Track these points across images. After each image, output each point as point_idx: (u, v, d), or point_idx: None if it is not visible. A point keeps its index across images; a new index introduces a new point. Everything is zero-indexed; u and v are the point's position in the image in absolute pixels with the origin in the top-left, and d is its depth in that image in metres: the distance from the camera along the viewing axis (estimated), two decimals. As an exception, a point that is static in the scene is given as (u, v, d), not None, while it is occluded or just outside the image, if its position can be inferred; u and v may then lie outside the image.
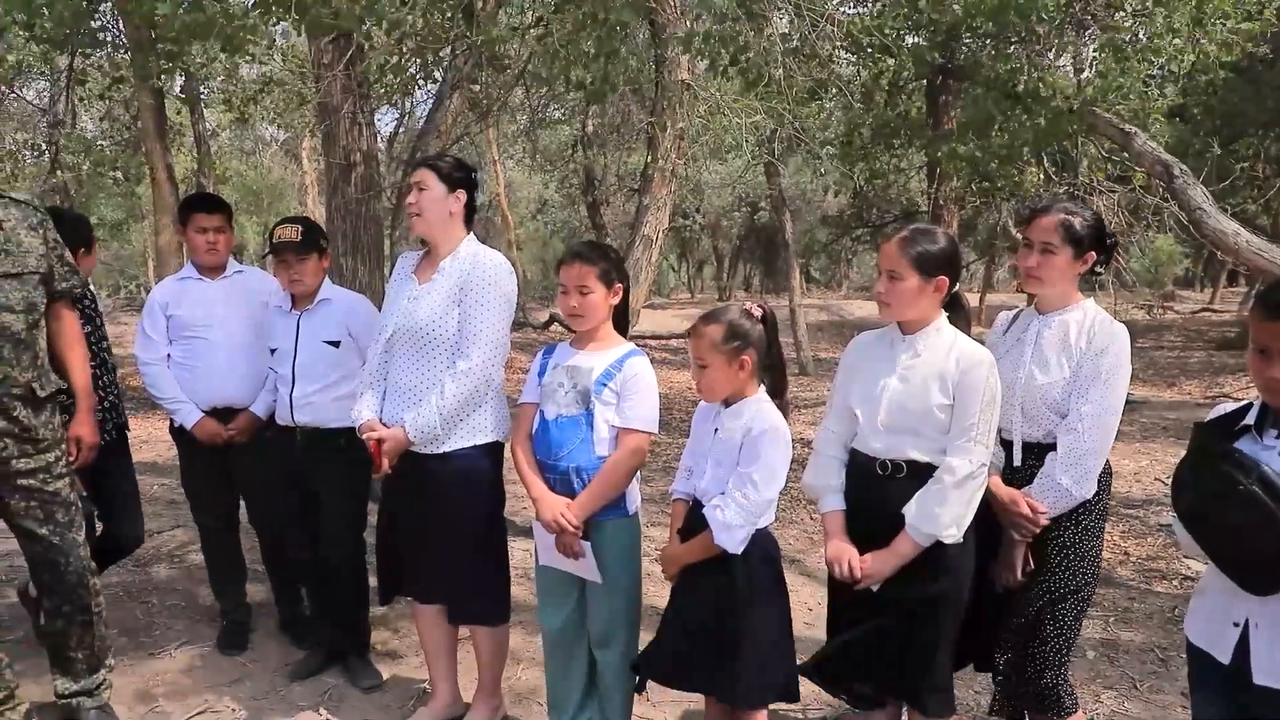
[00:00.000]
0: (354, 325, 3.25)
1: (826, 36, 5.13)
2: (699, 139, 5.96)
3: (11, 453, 2.73)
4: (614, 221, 19.42)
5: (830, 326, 17.91)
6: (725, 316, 2.40)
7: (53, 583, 2.89)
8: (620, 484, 2.59)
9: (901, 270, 2.30)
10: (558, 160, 17.24)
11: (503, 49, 5.25)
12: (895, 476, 2.34)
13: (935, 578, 2.31)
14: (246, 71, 11.61)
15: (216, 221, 3.52)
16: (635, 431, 2.58)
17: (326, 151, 5.33)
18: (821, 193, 18.41)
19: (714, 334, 2.37)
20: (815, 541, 5.06)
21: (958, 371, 2.27)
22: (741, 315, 2.40)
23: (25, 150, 15.02)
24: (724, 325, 2.37)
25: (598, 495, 2.56)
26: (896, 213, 14.91)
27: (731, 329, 2.37)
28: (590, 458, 2.58)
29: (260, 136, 21.48)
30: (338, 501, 3.28)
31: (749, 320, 2.40)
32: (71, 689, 2.99)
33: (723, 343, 2.36)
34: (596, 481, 2.56)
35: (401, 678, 3.43)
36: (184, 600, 4.18)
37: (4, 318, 2.70)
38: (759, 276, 30.44)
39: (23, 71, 13.71)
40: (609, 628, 2.70)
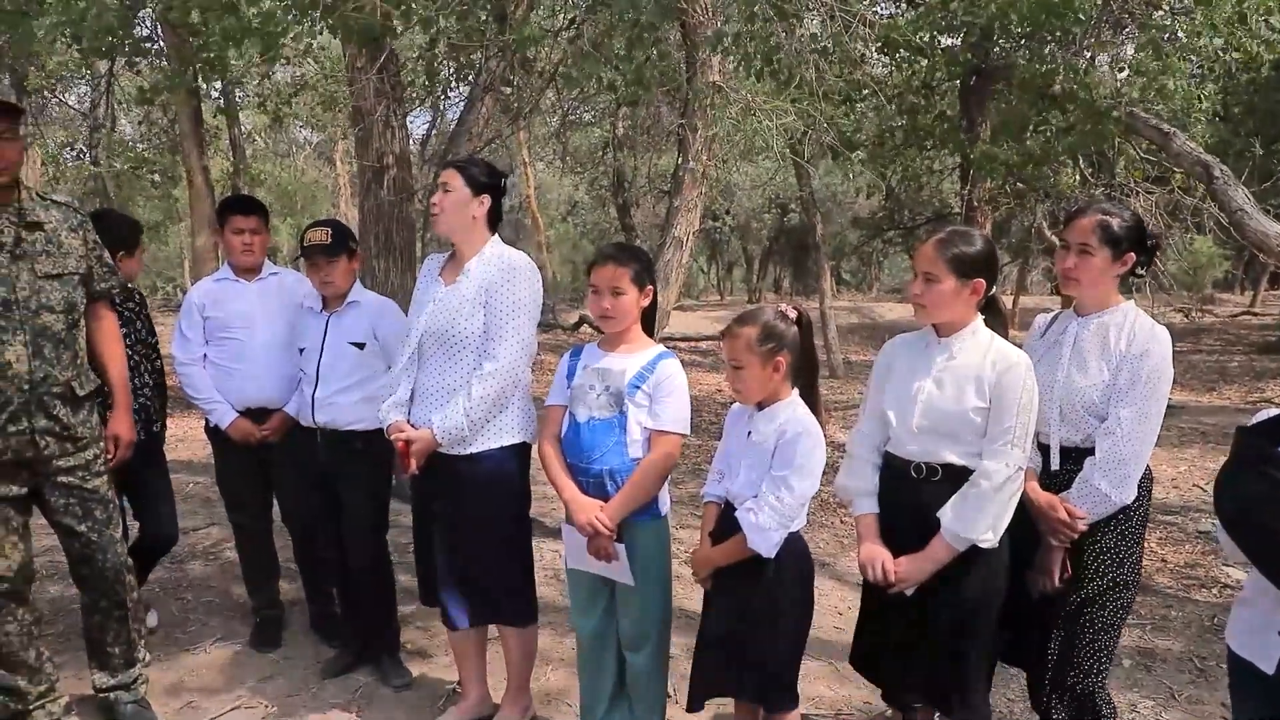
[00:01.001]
0: (380, 328, 3.28)
1: (859, 38, 5.09)
2: (730, 140, 5.94)
3: (52, 451, 2.77)
4: (644, 223, 19.44)
5: (861, 329, 17.81)
6: (761, 318, 2.39)
7: (90, 578, 2.94)
8: (654, 486, 2.59)
9: (938, 272, 2.28)
10: (588, 162, 17.28)
11: (535, 51, 5.27)
12: (930, 480, 2.32)
13: (971, 583, 2.28)
14: (281, 75, 11.76)
15: (253, 223, 3.56)
16: (668, 433, 2.57)
17: (359, 154, 5.38)
18: (853, 194, 18.29)
19: (749, 335, 2.36)
20: (846, 545, 5.02)
21: (994, 374, 2.24)
22: (777, 317, 2.39)
23: (67, 153, 15.31)
24: (759, 327, 2.36)
25: (632, 498, 2.55)
26: (929, 214, 14.76)
27: (767, 330, 2.35)
28: (624, 460, 2.58)
29: (294, 139, 21.74)
30: (358, 502, 3.30)
31: (784, 322, 2.38)
32: (109, 683, 3.04)
33: (758, 344, 2.35)
34: (630, 484, 2.55)
35: (431, 677, 3.45)
36: (218, 597, 4.23)
37: (45, 317, 2.74)
38: (789, 278, 30.32)
39: (64, 77, 13.99)
40: (640, 630, 2.70)
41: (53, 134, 15.82)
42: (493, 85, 5.51)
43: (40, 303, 2.73)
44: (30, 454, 2.73)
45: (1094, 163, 8.86)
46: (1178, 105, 6.41)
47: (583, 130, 14.45)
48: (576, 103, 9.75)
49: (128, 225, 3.66)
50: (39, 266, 2.75)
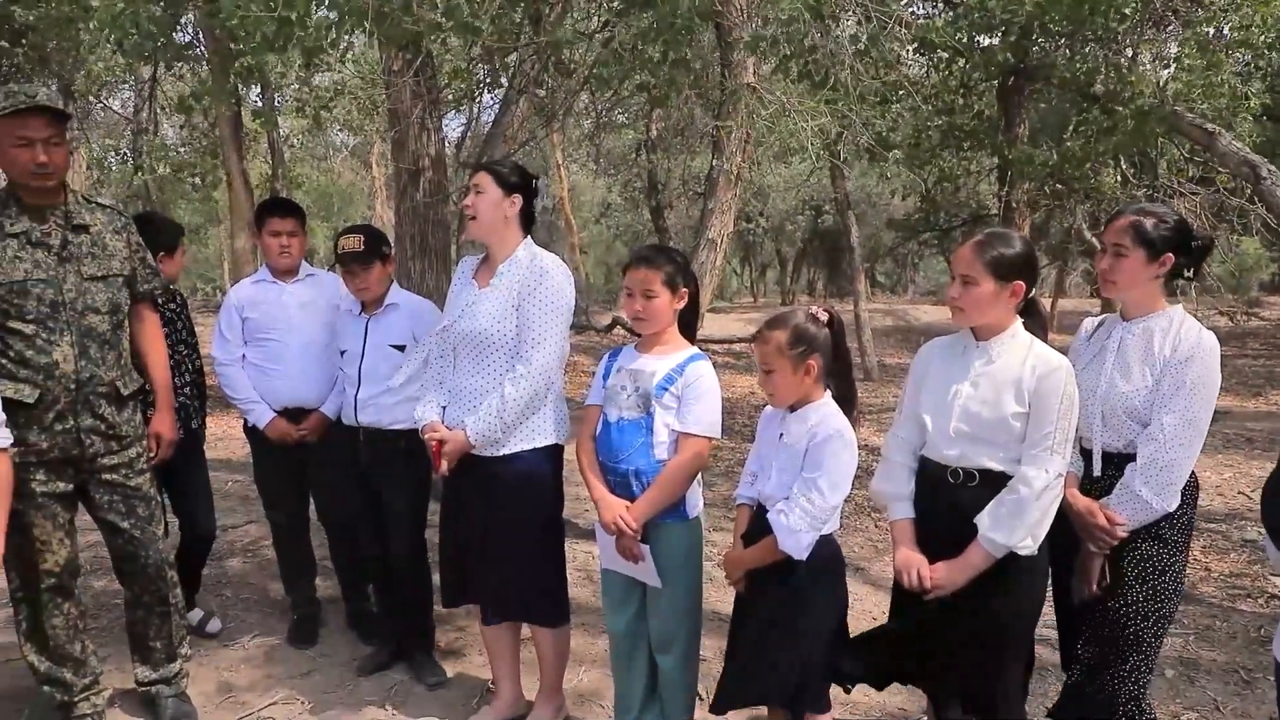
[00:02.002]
0: (419, 329, 3.31)
1: (896, 38, 5.05)
2: (764, 142, 5.91)
3: (97, 449, 2.83)
4: (677, 225, 19.43)
5: (896, 331, 17.65)
6: (791, 321, 2.38)
7: (133, 574, 2.99)
8: (679, 488, 2.59)
9: (976, 275, 2.26)
10: (621, 164, 17.30)
11: (569, 53, 5.28)
12: (967, 485, 2.29)
13: (1008, 589, 2.25)
14: (319, 79, 11.90)
15: (290, 225, 3.61)
16: (695, 436, 2.57)
17: (396, 157, 5.43)
18: (888, 196, 18.16)
19: (780, 339, 2.35)
20: (880, 549, 4.98)
21: (1033, 378, 2.21)
22: (807, 319, 2.38)
23: (111, 156, 15.62)
24: (790, 330, 2.35)
25: (657, 499, 2.56)
26: (965, 216, 14.61)
27: (797, 333, 2.34)
28: (649, 461, 2.59)
29: (331, 143, 22.00)
30: (399, 501, 3.33)
31: (815, 324, 2.37)
32: (151, 677, 3.09)
33: (789, 347, 2.34)
34: (656, 485, 2.56)
35: (466, 675, 3.47)
36: (256, 594, 4.29)
37: (90, 319, 2.80)
38: (823, 280, 30.15)
39: (109, 82, 14.27)
40: (669, 631, 2.70)
41: (97, 138, 16.14)
42: (527, 88, 5.53)
43: (86, 304, 2.79)
44: (76, 452, 2.79)
45: (1136, 163, 8.72)
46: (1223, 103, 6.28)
47: (616, 132, 14.46)
48: (610, 104, 9.76)
49: (169, 227, 3.73)
50: (84, 268, 2.80)
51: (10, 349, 2.68)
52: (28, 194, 2.74)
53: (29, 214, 2.74)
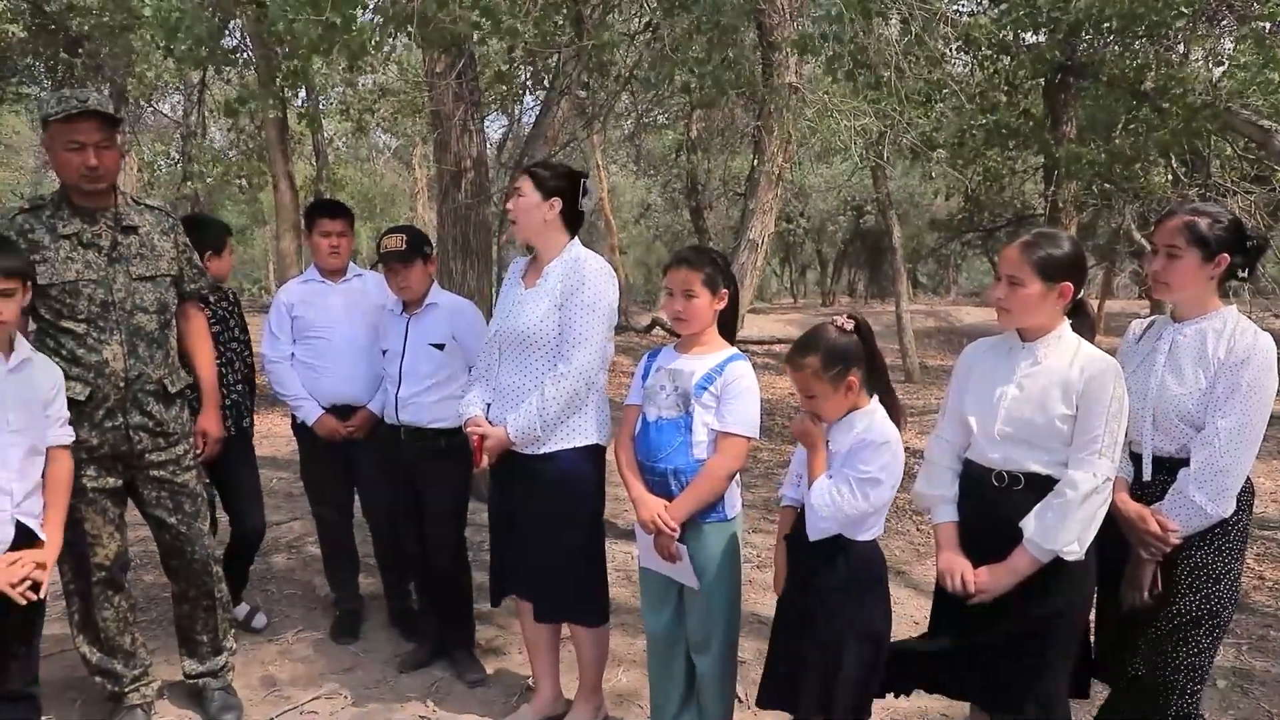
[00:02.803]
0: (459, 329, 3.33)
1: (940, 36, 4.99)
2: (806, 142, 5.88)
3: (146, 446, 2.89)
4: (717, 226, 19.38)
5: (938, 333, 17.44)
6: (820, 343, 2.31)
7: (180, 569, 3.05)
8: (718, 488, 2.58)
9: (1023, 276, 2.22)
10: (661, 165, 17.30)
11: (611, 55, 5.29)
12: (1012, 489, 2.25)
13: (1054, 595, 2.21)
14: (363, 82, 12.07)
15: (339, 226, 3.67)
16: (734, 436, 2.56)
17: (438, 158, 5.47)
18: (930, 195, 17.95)
19: (814, 363, 2.30)
20: (921, 553, 4.92)
21: (1081, 380, 2.17)
22: (836, 334, 2.32)
23: (160, 160, 15.97)
24: (821, 352, 2.29)
25: (695, 498, 2.56)
26: (1010, 216, 14.40)
27: (829, 353, 2.29)
28: (688, 460, 2.58)
29: (374, 144, 22.26)
30: (440, 500, 3.36)
31: (844, 336, 2.32)
32: (198, 670, 3.15)
33: (824, 370, 2.29)
34: (694, 484, 2.56)
35: (506, 673, 3.49)
36: (301, 590, 4.34)
37: (139, 318, 2.86)
38: (863, 281, 29.88)
39: (159, 87, 14.59)
40: (706, 632, 2.69)
41: (148, 142, 16.49)
42: (569, 89, 5.55)
43: (135, 303, 2.84)
44: (125, 448, 2.85)
45: (1187, 162, 8.52)
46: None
47: (657, 133, 14.47)
48: (650, 105, 9.77)
49: (216, 227, 3.79)
50: (133, 269, 2.86)
51: (62, 347, 2.75)
52: (79, 196, 2.80)
53: (80, 216, 2.80)
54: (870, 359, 2.35)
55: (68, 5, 9.06)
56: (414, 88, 11.47)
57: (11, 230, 2.71)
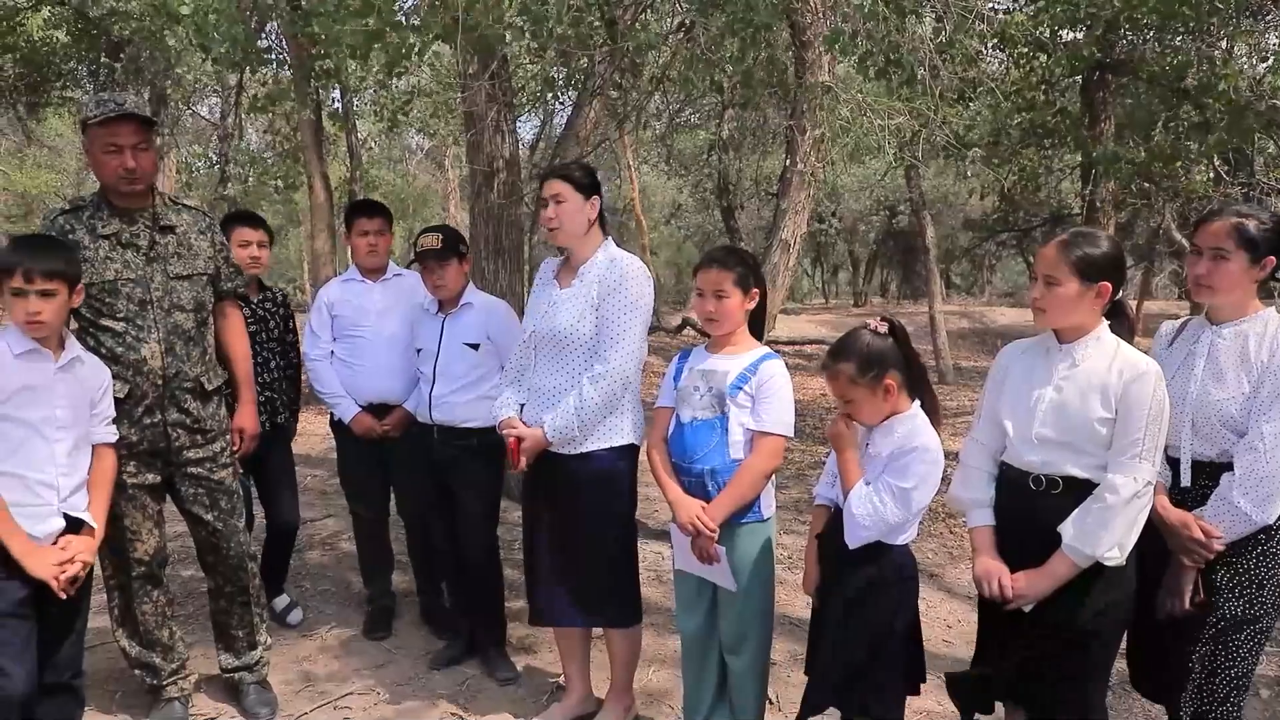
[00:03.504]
0: (492, 329, 3.35)
1: (975, 34, 4.93)
2: (838, 142, 5.84)
3: (183, 442, 2.93)
4: (748, 226, 19.32)
5: (972, 334, 17.24)
6: (855, 348, 2.30)
7: (216, 564, 3.09)
8: (756, 487, 2.57)
9: (1059, 275, 2.18)
10: (693, 165, 17.27)
11: (644, 56, 5.29)
12: (1050, 493, 2.21)
13: (1094, 602, 2.17)
14: (396, 83, 12.16)
15: (377, 225, 3.71)
16: (771, 435, 2.55)
17: (471, 159, 5.50)
18: (965, 195, 17.76)
19: (849, 370, 2.29)
20: (954, 556, 4.87)
21: (1120, 383, 2.13)
22: (871, 337, 2.30)
23: (198, 161, 16.22)
24: (856, 358, 2.28)
25: (733, 498, 2.55)
26: (1046, 215, 14.21)
27: (864, 359, 2.28)
28: (725, 461, 2.58)
29: (407, 145, 22.43)
30: (471, 499, 3.37)
31: (879, 339, 2.30)
32: (234, 664, 3.19)
33: (860, 375, 2.28)
34: (732, 485, 2.55)
35: (536, 671, 3.50)
36: (335, 586, 4.39)
37: (177, 316, 2.90)
38: (896, 282, 29.64)
39: (197, 90, 14.82)
40: (740, 633, 2.68)
41: (185, 143, 16.75)
42: (601, 90, 5.55)
43: (172, 302, 2.89)
44: (163, 445, 2.89)
45: (1229, 160, 8.36)
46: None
47: (689, 133, 14.45)
48: (682, 105, 9.77)
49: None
50: (171, 268, 2.90)
51: (102, 346, 2.79)
52: (117, 197, 2.85)
53: (119, 216, 2.85)
54: (907, 360, 2.32)
55: (109, 11, 9.22)
56: (447, 89, 11.55)
57: (53, 231, 2.77)
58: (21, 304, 2.39)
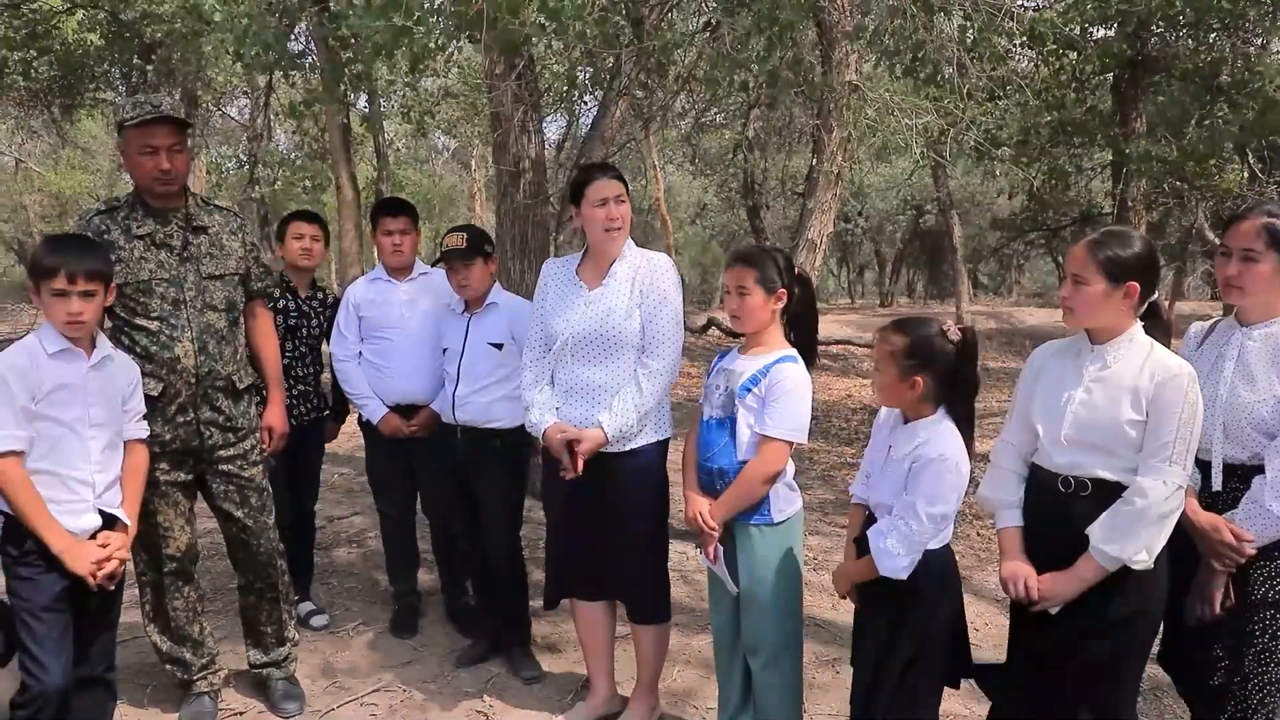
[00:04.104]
0: (517, 328, 3.35)
1: (1004, 31, 4.89)
2: (865, 141, 5.80)
3: (215, 440, 2.97)
4: (773, 225, 19.24)
5: (999, 334, 17.09)
6: (916, 331, 2.30)
7: (245, 561, 3.12)
8: (755, 490, 2.57)
9: (1087, 274, 2.16)
10: (718, 164, 17.23)
11: (670, 55, 5.28)
12: (1079, 495, 2.19)
13: (1122, 606, 2.14)
14: (424, 85, 12.25)
15: (401, 224, 3.71)
16: (773, 439, 2.54)
17: (497, 159, 5.52)
18: (993, 195, 17.61)
19: (896, 344, 2.29)
20: (983, 558, 4.84)
21: (1152, 385, 2.10)
22: (936, 333, 2.29)
23: (228, 162, 16.41)
24: (909, 339, 2.28)
25: (734, 499, 2.57)
26: (1076, 215, 14.06)
27: (916, 345, 2.27)
28: (732, 461, 2.59)
29: (433, 146, 22.58)
30: (495, 500, 3.39)
31: (940, 340, 2.28)
32: (262, 660, 3.22)
33: (901, 356, 2.27)
34: (733, 486, 2.57)
35: (561, 671, 3.51)
36: (361, 584, 4.42)
37: (209, 316, 2.93)
38: (922, 282, 29.45)
39: (227, 91, 15.00)
40: (755, 635, 2.67)
41: (215, 144, 16.96)
42: (627, 90, 5.55)
43: (205, 301, 2.92)
44: (195, 443, 2.93)
45: (1264, 158, 8.23)
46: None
47: (714, 132, 14.42)
48: (708, 105, 9.74)
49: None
50: (203, 268, 2.94)
51: (136, 345, 2.84)
52: (152, 198, 2.89)
53: (153, 217, 2.89)
54: (959, 375, 2.29)
55: (143, 14, 9.36)
56: (474, 90, 11.61)
57: (88, 231, 2.81)
58: (63, 305, 2.42)
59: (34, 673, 2.40)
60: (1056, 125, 8.42)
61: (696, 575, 4.40)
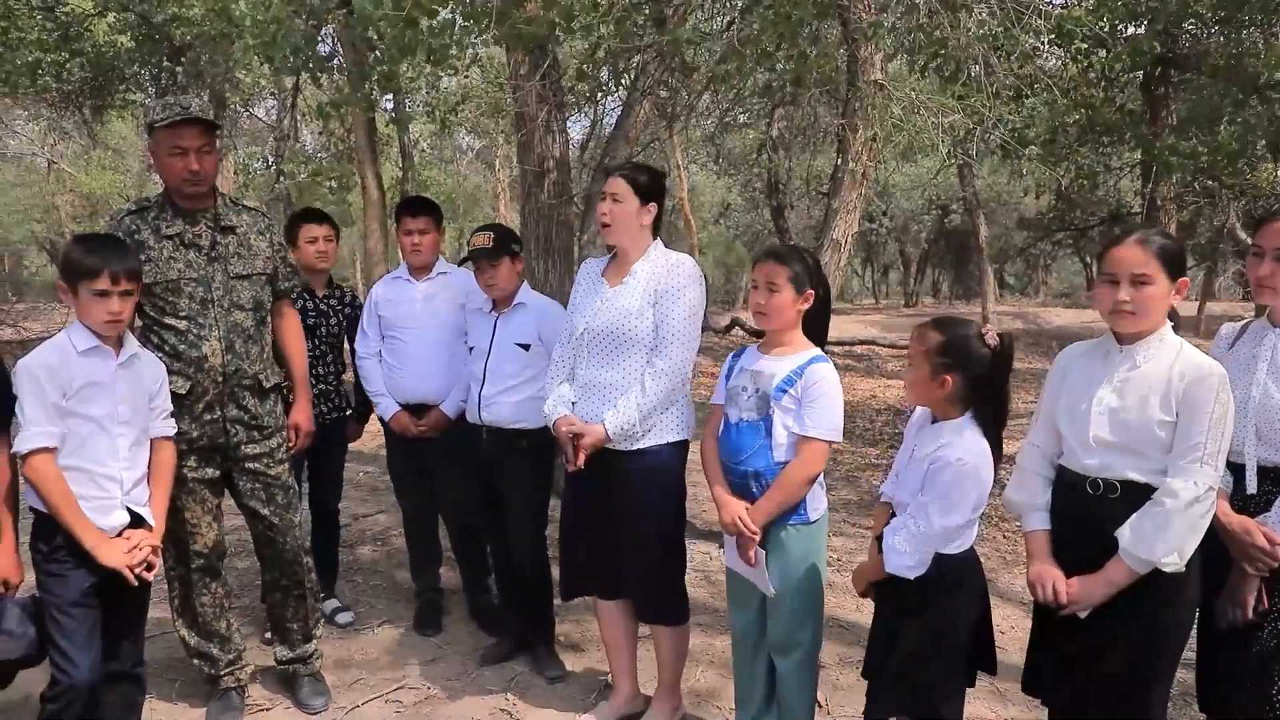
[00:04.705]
0: (544, 329, 3.35)
1: (1031, 29, 4.84)
2: (891, 140, 5.76)
3: (241, 438, 2.99)
4: (797, 225, 19.19)
5: (1025, 335, 16.93)
6: (953, 330, 2.28)
7: (272, 559, 3.15)
8: (798, 491, 2.56)
9: (1150, 272, 2.08)
10: (742, 164, 17.21)
11: (692, 53, 5.27)
12: (1108, 497, 2.16)
13: (1152, 609, 2.12)
14: (448, 84, 12.32)
15: (421, 224, 3.72)
16: (814, 440, 2.53)
17: (521, 159, 5.54)
18: (1020, 194, 17.45)
19: (931, 340, 2.28)
20: (1008, 561, 4.79)
21: (1182, 385, 2.07)
22: (974, 335, 2.27)
23: (255, 163, 16.58)
24: (945, 338, 2.26)
25: (776, 501, 2.55)
26: (1104, 214, 13.90)
27: (950, 345, 2.25)
28: (768, 463, 2.57)
29: (458, 146, 22.68)
30: (521, 500, 3.39)
31: (977, 343, 2.26)
32: (288, 656, 3.25)
33: (934, 354, 2.26)
34: (775, 488, 2.54)
35: (585, 670, 3.51)
36: (385, 581, 4.45)
37: (236, 315, 2.96)
38: (948, 282, 29.25)
39: (255, 92, 15.15)
40: (787, 635, 2.67)
41: (243, 144, 17.13)
42: (651, 89, 5.55)
43: (232, 301, 2.95)
44: (222, 441, 2.96)
45: (1298, 156, 8.10)
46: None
47: (738, 132, 14.40)
48: (730, 104, 9.73)
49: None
50: (231, 267, 2.97)
51: (165, 343, 2.87)
52: (181, 198, 2.92)
53: (183, 217, 2.92)
54: (990, 383, 2.27)
55: (172, 16, 9.47)
56: (498, 90, 11.65)
57: (119, 231, 2.84)
58: (104, 304, 2.46)
59: (63, 667, 2.43)
60: (1085, 124, 8.34)
61: (719, 575, 4.39)
